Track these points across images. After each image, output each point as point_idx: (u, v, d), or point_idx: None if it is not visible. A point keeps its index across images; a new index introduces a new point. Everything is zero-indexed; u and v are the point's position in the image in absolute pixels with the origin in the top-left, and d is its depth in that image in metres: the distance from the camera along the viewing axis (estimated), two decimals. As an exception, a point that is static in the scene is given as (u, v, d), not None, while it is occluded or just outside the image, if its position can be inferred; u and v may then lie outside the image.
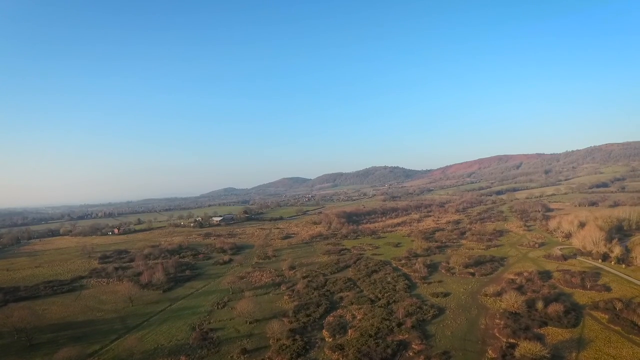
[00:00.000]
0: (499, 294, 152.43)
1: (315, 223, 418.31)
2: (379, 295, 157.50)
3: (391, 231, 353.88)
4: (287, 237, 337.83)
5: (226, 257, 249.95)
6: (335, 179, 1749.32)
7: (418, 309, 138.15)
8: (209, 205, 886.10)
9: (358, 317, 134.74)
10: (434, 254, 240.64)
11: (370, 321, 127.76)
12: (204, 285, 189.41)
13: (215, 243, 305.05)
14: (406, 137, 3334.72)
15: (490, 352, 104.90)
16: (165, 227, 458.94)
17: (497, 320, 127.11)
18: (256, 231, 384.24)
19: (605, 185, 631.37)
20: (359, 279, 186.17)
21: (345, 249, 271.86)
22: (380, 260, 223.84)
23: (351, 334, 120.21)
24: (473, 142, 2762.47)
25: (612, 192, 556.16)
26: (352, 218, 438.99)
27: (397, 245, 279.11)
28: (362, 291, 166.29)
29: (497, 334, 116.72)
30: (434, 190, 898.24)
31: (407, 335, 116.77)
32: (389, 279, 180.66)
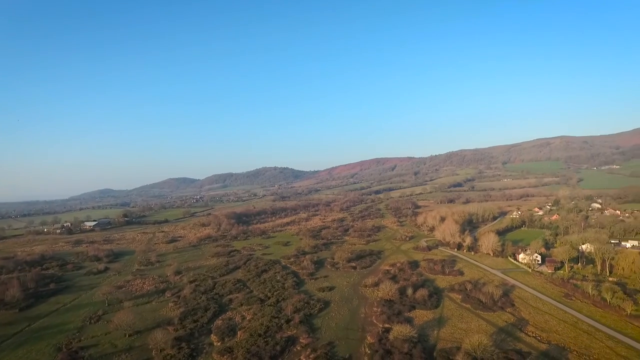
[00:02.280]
0: (376, 284, 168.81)
1: (203, 225, 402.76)
2: (269, 294, 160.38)
3: (281, 230, 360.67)
4: (172, 240, 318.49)
5: (101, 266, 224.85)
6: (225, 179, 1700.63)
7: (306, 305, 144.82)
8: (81, 209, 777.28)
9: (248, 318, 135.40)
10: (321, 250, 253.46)
11: (260, 320, 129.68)
12: (73, 299, 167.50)
13: (87, 251, 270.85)
14: (296, 138, 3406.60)
15: (369, 337, 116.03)
16: (22, 235, 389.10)
17: (375, 308, 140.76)
18: (137, 236, 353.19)
19: (460, 185, 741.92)
20: (248, 279, 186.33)
21: (235, 250, 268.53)
22: (270, 260, 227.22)
23: (240, 335, 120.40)
24: (356, 146, 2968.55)
25: (465, 190, 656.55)
26: (242, 219, 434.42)
27: (286, 244, 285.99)
28: (252, 291, 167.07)
29: (375, 321, 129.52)
30: (321, 190, 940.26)
31: (295, 331, 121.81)
32: (278, 278, 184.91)
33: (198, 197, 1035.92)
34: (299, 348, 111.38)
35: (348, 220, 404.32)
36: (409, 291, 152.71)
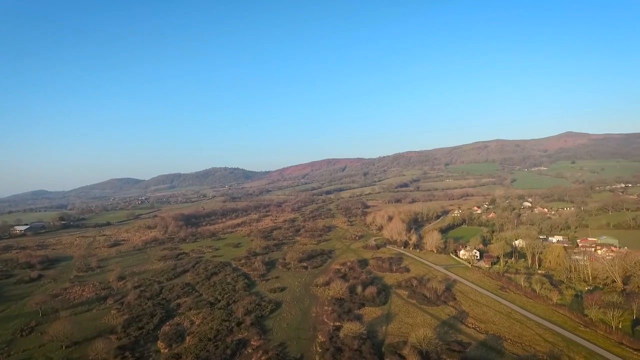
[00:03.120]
0: (327, 283, 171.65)
1: (149, 227, 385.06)
2: (219, 297, 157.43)
3: (231, 232, 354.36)
4: (115, 244, 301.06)
5: (34, 274, 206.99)
6: (173, 180, 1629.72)
7: (257, 306, 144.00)
8: (10, 212, 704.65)
9: (197, 322, 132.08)
10: (272, 251, 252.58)
11: (210, 324, 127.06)
12: (1, 311, 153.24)
13: (18, 257, 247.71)
14: (247, 138, 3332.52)
15: (320, 336, 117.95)
16: None
17: (325, 307, 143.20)
18: (76, 240, 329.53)
19: (406, 185, 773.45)
20: (198, 283, 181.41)
21: (184, 253, 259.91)
22: (220, 262, 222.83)
23: (189, 341, 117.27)
24: (307, 146, 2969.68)
25: (411, 190, 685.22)
26: (191, 220, 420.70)
27: (237, 245, 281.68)
28: (201, 295, 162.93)
29: (326, 320, 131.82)
30: (272, 190, 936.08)
31: (246, 333, 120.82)
32: (229, 280, 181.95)
33: (143, 198, 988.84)
34: (250, 350, 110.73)
35: (299, 220, 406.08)
36: (359, 289, 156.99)
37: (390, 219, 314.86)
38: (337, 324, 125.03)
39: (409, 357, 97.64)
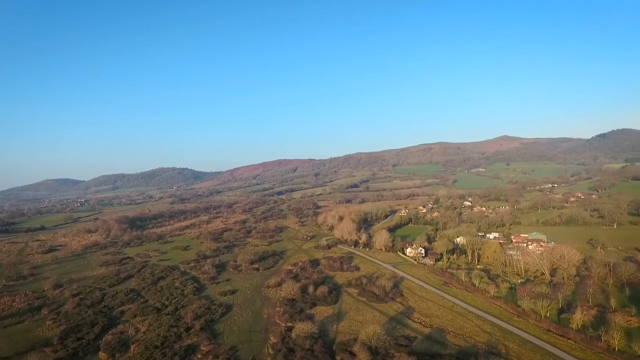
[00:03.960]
0: (279, 284, 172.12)
1: (89, 231, 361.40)
2: (166, 303, 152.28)
3: (180, 234, 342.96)
4: (51, 250, 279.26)
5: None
6: (115, 180, 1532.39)
7: (207, 310, 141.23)
8: None
9: (142, 330, 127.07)
10: (223, 253, 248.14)
11: (157, 331, 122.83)
12: None
13: None
14: (196, 138, 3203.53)
15: (272, 338, 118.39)
16: None
17: (277, 308, 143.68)
18: (4, 246, 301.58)
19: (356, 186, 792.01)
20: (143, 288, 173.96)
21: (128, 257, 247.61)
22: (168, 266, 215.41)
23: (134, 349, 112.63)
24: (259, 147, 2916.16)
25: (360, 191, 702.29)
26: (136, 223, 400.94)
27: (185, 248, 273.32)
28: (147, 301, 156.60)
29: (278, 320, 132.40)
30: (222, 191, 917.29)
31: (195, 339, 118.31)
32: (177, 284, 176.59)
33: (83, 200, 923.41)
34: (199, 356, 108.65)
35: (251, 221, 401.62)
36: (310, 289, 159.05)
37: (341, 219, 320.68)
38: (289, 324, 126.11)
39: (359, 354, 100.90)
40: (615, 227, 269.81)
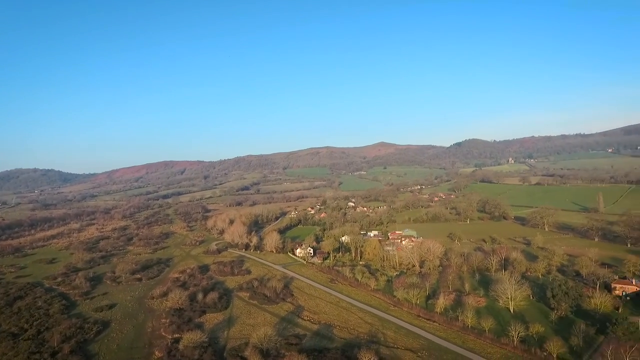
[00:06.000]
0: (165, 294, 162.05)
1: None
2: (26, 326, 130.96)
3: (43, 245, 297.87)
4: None
5: None
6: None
7: (79, 330, 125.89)
8: None
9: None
10: (98, 265, 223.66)
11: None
12: None
13: None
14: (64, 133, 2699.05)
15: (157, 352, 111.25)
16: None
17: (163, 320, 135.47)
18: None
19: (247, 188, 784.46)
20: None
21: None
22: (28, 283, 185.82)
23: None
24: (142, 147, 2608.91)
25: (251, 193, 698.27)
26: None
27: (51, 261, 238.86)
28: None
29: (164, 333, 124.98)
30: (98, 195, 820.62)
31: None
32: (39, 304, 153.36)
33: None
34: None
35: (132, 228, 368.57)
36: (200, 296, 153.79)
37: (231, 222, 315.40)
38: (177, 335, 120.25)
39: (251, 358, 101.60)
40: (468, 222, 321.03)
